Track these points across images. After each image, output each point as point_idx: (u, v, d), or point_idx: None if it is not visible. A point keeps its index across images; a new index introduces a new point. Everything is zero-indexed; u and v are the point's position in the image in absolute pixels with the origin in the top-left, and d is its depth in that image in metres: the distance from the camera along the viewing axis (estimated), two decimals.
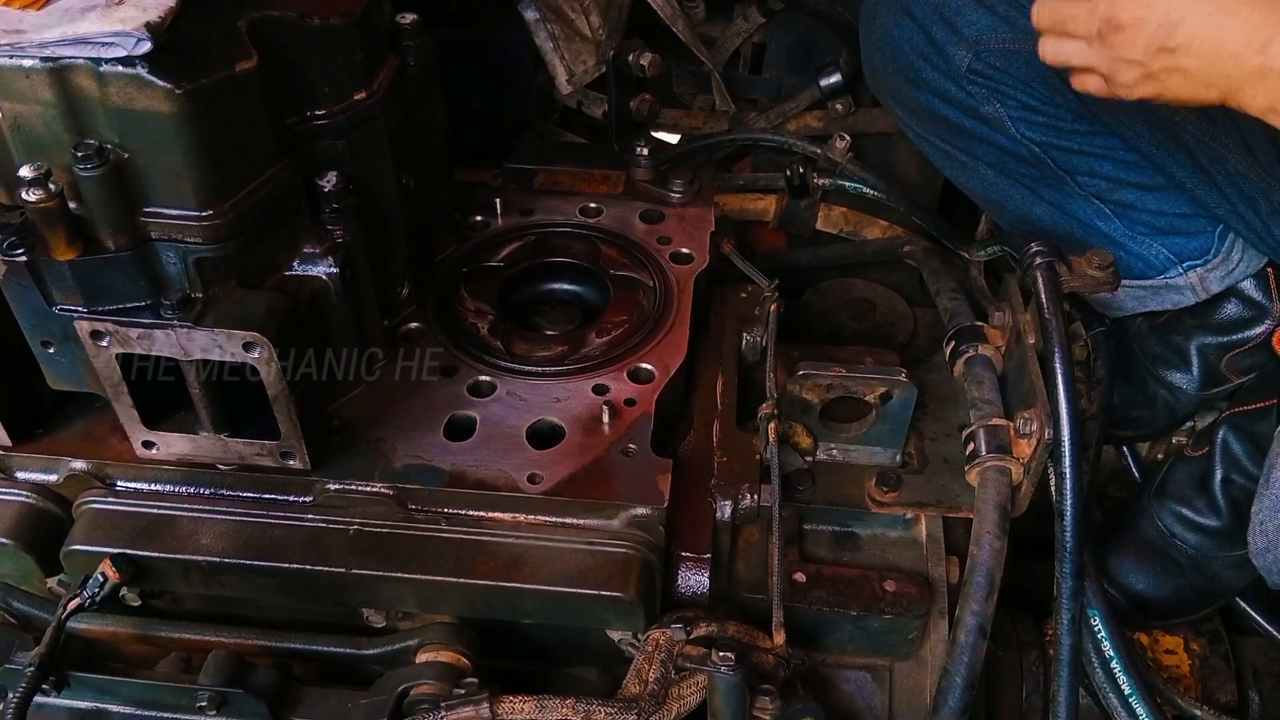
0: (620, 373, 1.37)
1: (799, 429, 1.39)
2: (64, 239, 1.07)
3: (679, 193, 1.65)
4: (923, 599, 1.28)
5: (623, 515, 1.22)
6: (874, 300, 1.98)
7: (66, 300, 1.12)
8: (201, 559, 1.20)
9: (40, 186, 1.03)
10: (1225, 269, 1.63)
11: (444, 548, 1.22)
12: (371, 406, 1.32)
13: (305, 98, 1.19)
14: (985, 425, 1.30)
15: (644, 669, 1.16)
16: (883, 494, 1.34)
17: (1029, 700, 1.46)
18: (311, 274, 1.22)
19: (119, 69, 1.00)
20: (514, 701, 1.13)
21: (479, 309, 1.46)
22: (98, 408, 1.27)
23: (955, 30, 1.52)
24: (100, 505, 1.24)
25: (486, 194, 1.63)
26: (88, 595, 1.17)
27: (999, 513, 1.25)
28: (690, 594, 1.28)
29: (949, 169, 1.72)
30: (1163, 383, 1.73)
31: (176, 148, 1.04)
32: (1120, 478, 1.88)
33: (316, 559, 1.20)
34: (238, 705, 1.20)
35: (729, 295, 1.60)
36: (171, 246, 1.10)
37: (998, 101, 1.54)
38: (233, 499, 1.25)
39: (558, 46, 1.86)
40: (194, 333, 1.10)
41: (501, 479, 1.24)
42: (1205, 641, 1.66)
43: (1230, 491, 1.60)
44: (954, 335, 1.45)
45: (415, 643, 1.26)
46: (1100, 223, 1.62)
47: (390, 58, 1.29)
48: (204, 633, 1.31)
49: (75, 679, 1.23)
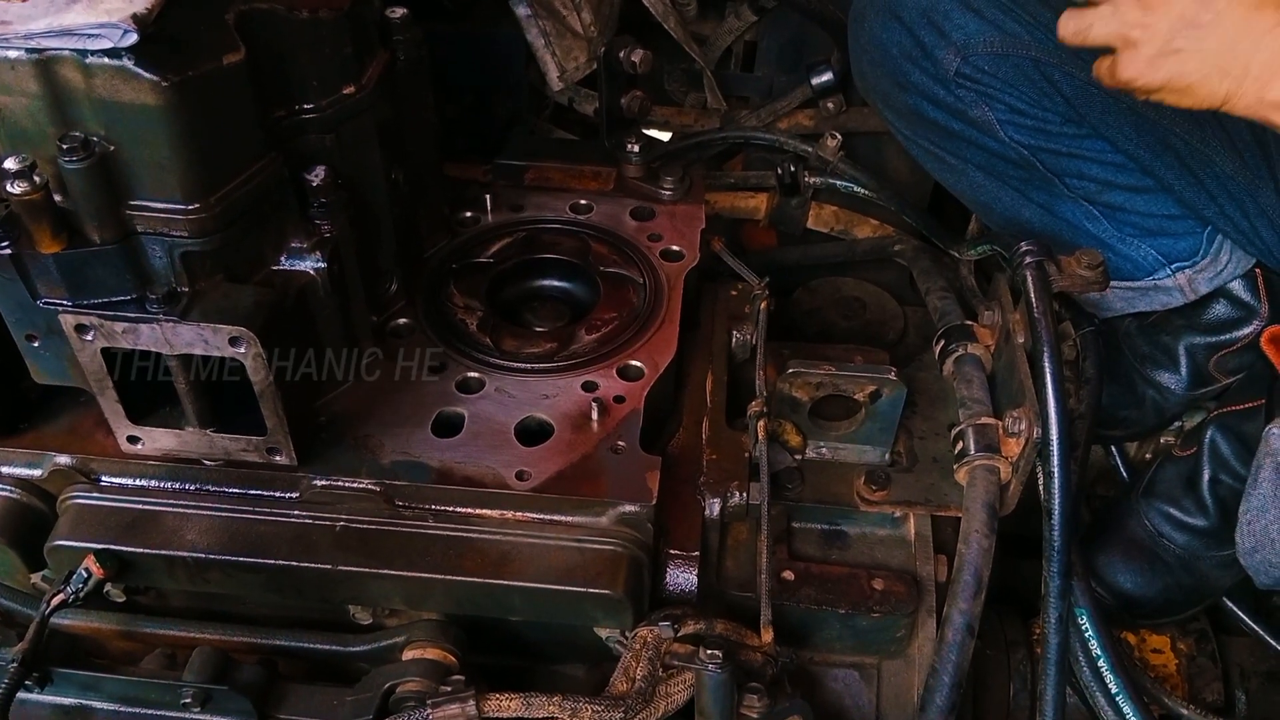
0: (610, 370, 1.37)
1: (788, 427, 1.39)
2: (49, 232, 1.06)
3: (670, 190, 1.65)
4: (911, 597, 1.29)
5: (611, 512, 1.22)
6: (864, 299, 1.98)
7: (51, 294, 1.11)
8: (186, 555, 1.19)
9: (25, 179, 1.02)
10: (1213, 270, 1.63)
11: (431, 544, 1.21)
12: (359, 402, 1.32)
13: (293, 91, 1.18)
14: (974, 424, 1.31)
15: (631, 666, 1.16)
16: (872, 492, 1.34)
17: (1016, 699, 1.46)
18: (299, 269, 1.22)
19: (105, 61, 0.99)
20: (500, 699, 1.12)
21: (468, 305, 1.46)
22: (82, 402, 1.26)
23: (943, 34, 1.52)
24: (85, 500, 1.24)
25: (477, 190, 1.63)
26: (72, 591, 1.16)
27: (987, 511, 1.25)
28: (678, 591, 1.28)
29: (938, 171, 1.72)
30: (1151, 383, 1.74)
31: (163, 140, 1.03)
32: (1108, 477, 1.89)
33: (303, 555, 1.20)
34: (222, 702, 1.19)
35: (719, 293, 1.60)
36: (157, 240, 1.09)
37: (986, 105, 1.54)
38: (218, 494, 1.25)
39: (549, 43, 1.86)
40: (179, 327, 1.10)
41: (489, 476, 1.24)
42: (1192, 641, 1.67)
43: (1218, 491, 1.60)
44: (944, 334, 1.45)
45: (402, 640, 1.26)
46: (1089, 224, 1.63)
47: (380, 52, 1.29)
48: (189, 629, 1.31)
49: (59, 675, 1.22)
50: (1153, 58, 1.12)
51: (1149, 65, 1.13)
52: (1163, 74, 1.12)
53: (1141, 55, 1.13)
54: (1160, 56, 1.11)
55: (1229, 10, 1.07)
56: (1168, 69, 1.12)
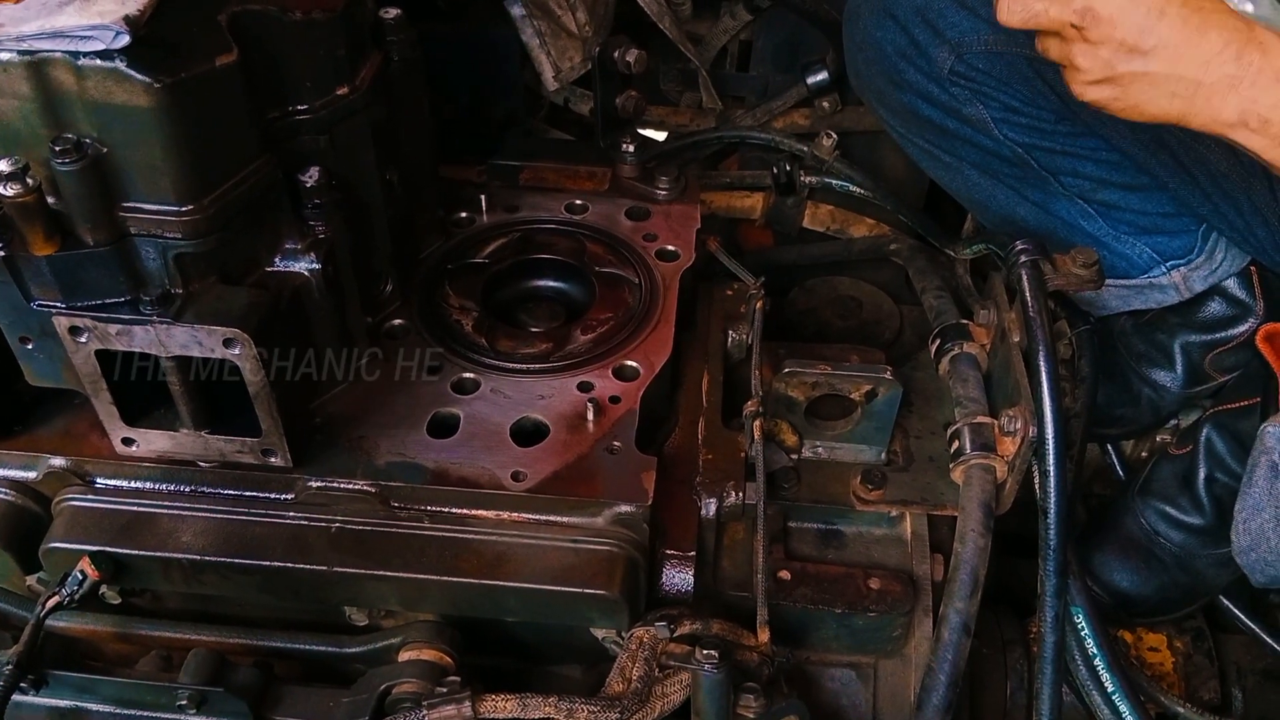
0: (605, 370, 1.36)
1: (784, 426, 1.39)
2: (42, 234, 1.06)
3: (665, 190, 1.64)
4: (907, 597, 1.29)
5: (607, 513, 1.22)
6: (860, 298, 1.98)
7: (45, 296, 1.11)
8: (182, 557, 1.19)
9: (18, 181, 1.02)
10: (1208, 268, 1.63)
11: (427, 545, 1.21)
12: (354, 403, 1.32)
13: (287, 92, 1.18)
14: (970, 423, 1.30)
15: (627, 667, 1.16)
16: (868, 492, 1.34)
17: (1013, 698, 1.46)
18: (293, 270, 1.22)
19: (97, 62, 0.99)
20: (496, 700, 1.12)
21: (463, 306, 1.46)
22: (77, 404, 1.26)
23: (937, 32, 1.52)
24: (79, 503, 1.23)
25: (471, 190, 1.63)
26: (67, 593, 1.16)
27: (983, 510, 1.25)
28: (674, 592, 1.28)
29: (933, 170, 1.72)
30: (1147, 381, 1.74)
31: (156, 142, 1.03)
32: (1104, 476, 1.89)
33: (298, 557, 1.19)
34: (218, 704, 1.19)
35: (715, 293, 1.60)
36: (151, 242, 1.09)
37: (980, 103, 1.54)
38: (213, 496, 1.24)
39: (544, 43, 1.86)
40: (173, 329, 1.09)
41: (485, 476, 1.24)
42: (1189, 639, 1.67)
43: (1214, 490, 1.60)
44: (939, 333, 1.45)
45: (398, 641, 1.26)
46: (1084, 222, 1.63)
47: (374, 52, 1.28)
48: (184, 631, 1.31)
49: (54, 677, 1.22)
50: (1097, 81, 1.13)
51: (1095, 88, 1.14)
52: (1107, 94, 1.14)
53: (1086, 79, 1.14)
54: (1105, 81, 1.13)
55: (1172, 36, 1.07)
56: (1111, 91, 1.13)
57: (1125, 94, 1.12)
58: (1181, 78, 1.08)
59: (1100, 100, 1.15)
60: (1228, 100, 1.07)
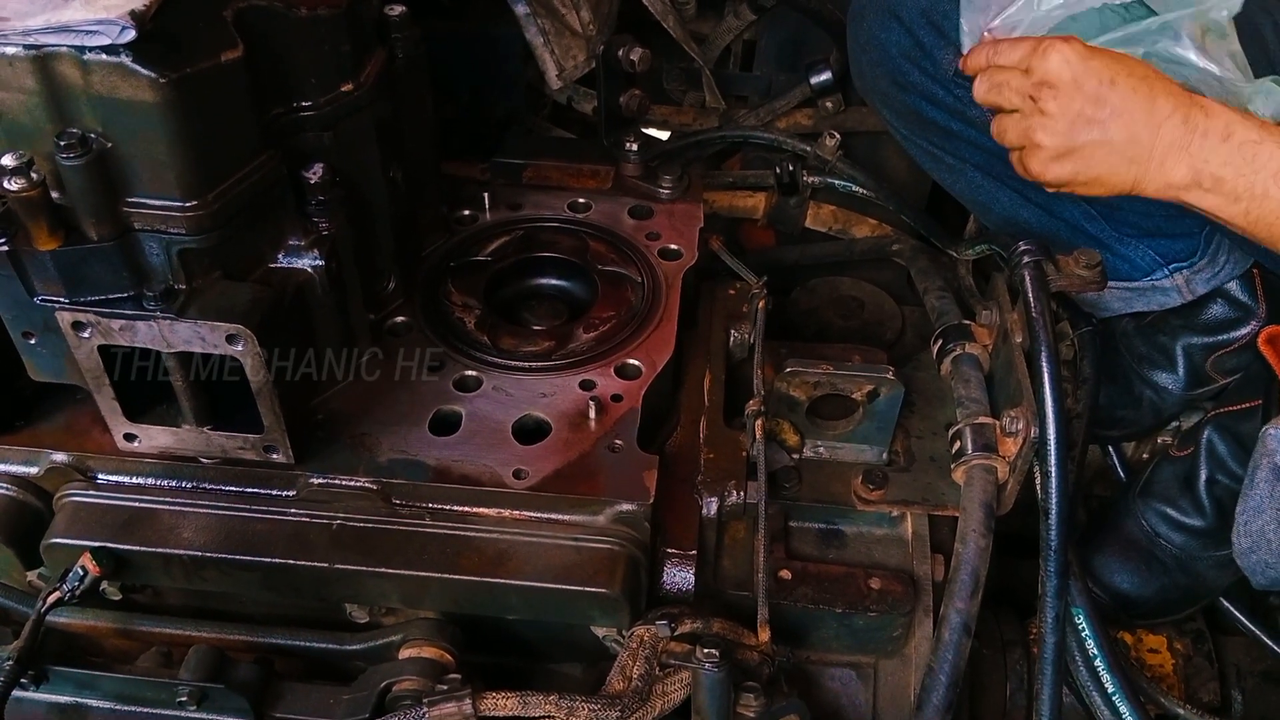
0: (607, 368, 1.36)
1: (786, 426, 1.39)
2: (46, 229, 1.06)
3: (668, 189, 1.64)
4: (908, 597, 1.29)
5: (608, 511, 1.22)
6: (862, 298, 1.98)
7: (48, 291, 1.11)
8: (183, 553, 1.19)
9: (22, 175, 1.02)
10: (1211, 271, 1.63)
11: (428, 543, 1.21)
12: (356, 401, 1.32)
13: (291, 88, 1.18)
14: (972, 424, 1.31)
15: (628, 665, 1.16)
16: (869, 491, 1.34)
17: (1013, 698, 1.47)
18: (296, 266, 1.22)
19: (103, 57, 0.99)
20: (497, 697, 1.12)
21: (466, 303, 1.46)
22: (79, 400, 1.26)
23: (942, 34, 1.52)
24: (81, 498, 1.23)
25: (475, 188, 1.63)
26: (68, 589, 1.16)
27: (984, 511, 1.25)
28: (675, 590, 1.28)
29: (936, 171, 1.72)
30: (1149, 383, 1.74)
31: (160, 137, 1.03)
32: (1105, 477, 1.89)
33: (299, 553, 1.20)
34: (218, 700, 1.19)
35: (717, 292, 1.60)
36: (154, 237, 1.09)
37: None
38: (215, 492, 1.24)
39: (548, 41, 1.85)
40: (177, 325, 1.09)
41: (487, 474, 1.24)
42: (1189, 641, 1.67)
43: (1215, 492, 1.61)
44: (941, 334, 1.45)
45: (398, 638, 1.26)
46: (1087, 225, 1.63)
47: (378, 49, 1.28)
48: (185, 627, 1.31)
49: (55, 673, 1.22)
50: (1059, 156, 1.18)
51: (1057, 164, 1.19)
52: (1069, 170, 1.18)
53: (1048, 154, 1.19)
54: (1066, 155, 1.17)
55: (1124, 102, 1.12)
56: (1073, 166, 1.18)
57: (1087, 166, 1.16)
58: (1139, 141, 1.13)
59: (1062, 177, 1.19)
60: (1180, 162, 1.12)
